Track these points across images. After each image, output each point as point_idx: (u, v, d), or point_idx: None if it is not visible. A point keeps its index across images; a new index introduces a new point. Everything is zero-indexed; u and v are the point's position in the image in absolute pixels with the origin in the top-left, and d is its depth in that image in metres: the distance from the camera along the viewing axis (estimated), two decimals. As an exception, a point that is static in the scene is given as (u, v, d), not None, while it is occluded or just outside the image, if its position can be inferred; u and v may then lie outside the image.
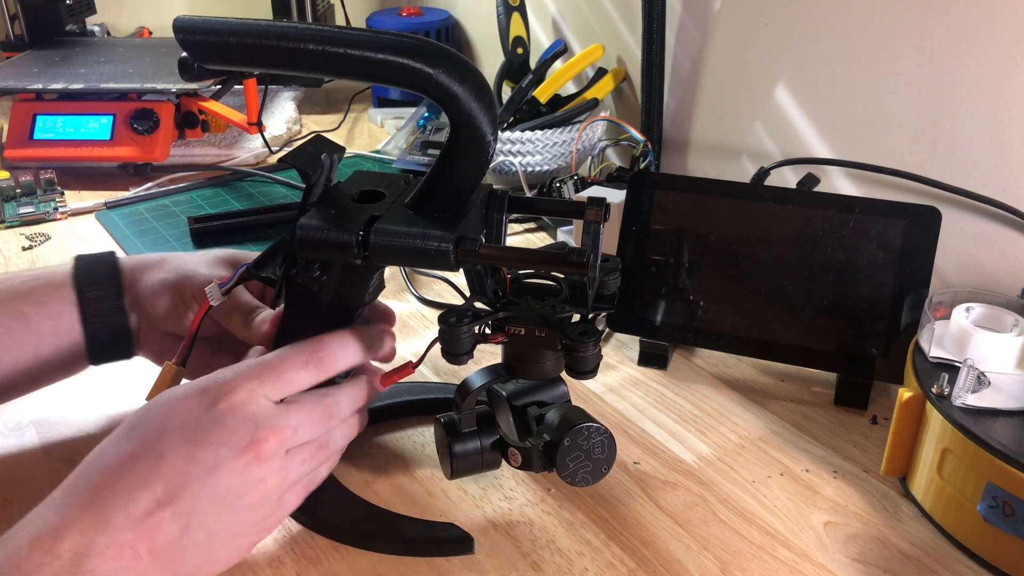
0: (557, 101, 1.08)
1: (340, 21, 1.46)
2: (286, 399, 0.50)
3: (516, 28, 1.11)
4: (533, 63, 1.10)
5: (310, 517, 0.55)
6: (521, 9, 1.12)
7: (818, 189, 0.73)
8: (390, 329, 0.59)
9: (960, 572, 0.52)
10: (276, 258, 0.55)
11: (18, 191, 1.01)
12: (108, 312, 0.60)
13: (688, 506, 0.57)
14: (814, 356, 0.67)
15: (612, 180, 0.93)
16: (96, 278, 0.60)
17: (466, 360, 0.51)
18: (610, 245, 0.72)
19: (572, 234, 0.90)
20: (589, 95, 1.05)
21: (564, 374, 0.53)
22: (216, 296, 0.56)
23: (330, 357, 0.52)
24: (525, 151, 0.99)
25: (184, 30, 0.49)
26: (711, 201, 0.71)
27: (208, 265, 0.62)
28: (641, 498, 0.58)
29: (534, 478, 0.60)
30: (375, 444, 0.63)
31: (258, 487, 0.48)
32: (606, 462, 0.53)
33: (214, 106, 1.12)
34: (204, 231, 0.93)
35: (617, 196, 0.79)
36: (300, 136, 1.24)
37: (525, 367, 0.53)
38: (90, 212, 1.00)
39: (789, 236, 0.68)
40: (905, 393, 0.56)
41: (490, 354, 0.63)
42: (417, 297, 0.83)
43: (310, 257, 0.53)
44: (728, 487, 0.59)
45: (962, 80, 0.73)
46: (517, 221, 0.97)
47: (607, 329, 0.74)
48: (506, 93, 1.09)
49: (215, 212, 0.98)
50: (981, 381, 0.53)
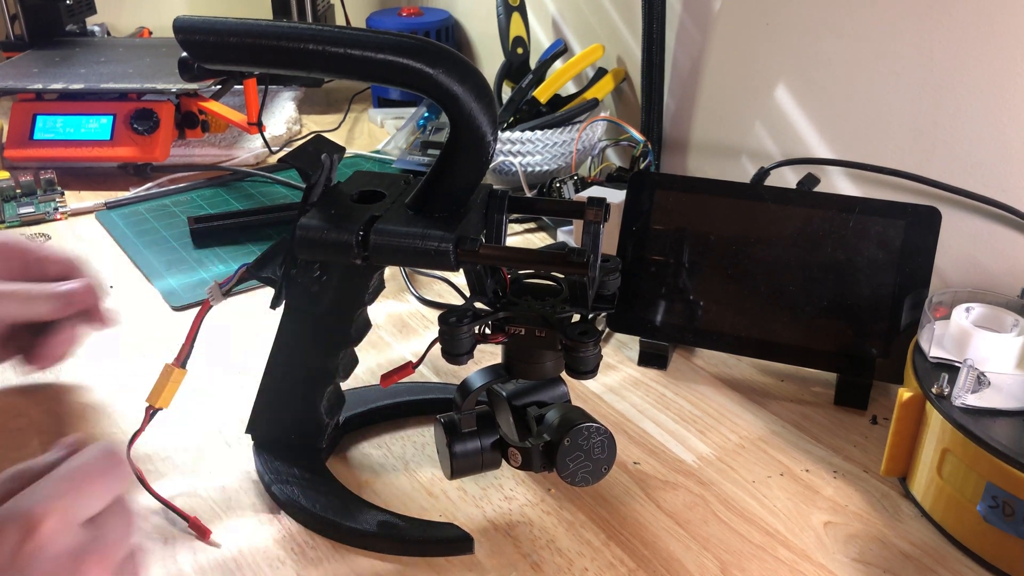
0: (557, 101, 1.08)
1: (340, 21, 1.46)
2: None
3: (516, 28, 1.11)
4: (533, 63, 1.10)
5: (310, 517, 0.55)
6: (521, 9, 1.12)
7: (818, 189, 0.73)
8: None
9: (960, 572, 0.52)
10: (276, 258, 0.55)
11: (18, 191, 1.01)
12: None
13: (688, 506, 0.57)
14: (814, 356, 0.67)
15: (612, 180, 0.93)
16: None
17: (466, 360, 0.51)
18: (610, 245, 0.72)
19: (572, 234, 0.90)
20: (589, 95, 1.05)
21: (564, 374, 0.53)
22: (217, 296, 0.56)
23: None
24: (525, 151, 0.99)
25: (184, 30, 0.49)
26: (711, 201, 0.71)
27: None
28: (641, 498, 0.58)
29: (534, 478, 0.60)
30: (375, 444, 0.63)
31: None
32: (606, 462, 0.53)
33: (214, 106, 1.12)
34: (204, 231, 0.93)
35: (617, 196, 0.79)
36: (300, 136, 1.24)
37: (525, 367, 0.53)
38: (90, 212, 1.00)
39: (789, 236, 0.68)
40: (905, 393, 0.56)
41: (490, 354, 0.63)
42: (417, 297, 0.83)
43: (310, 257, 0.53)
44: (728, 487, 0.59)
45: (962, 80, 0.73)
46: (517, 221, 0.97)
47: (607, 329, 0.74)
48: (506, 93, 1.09)
49: (215, 212, 0.98)
50: (981, 381, 0.53)
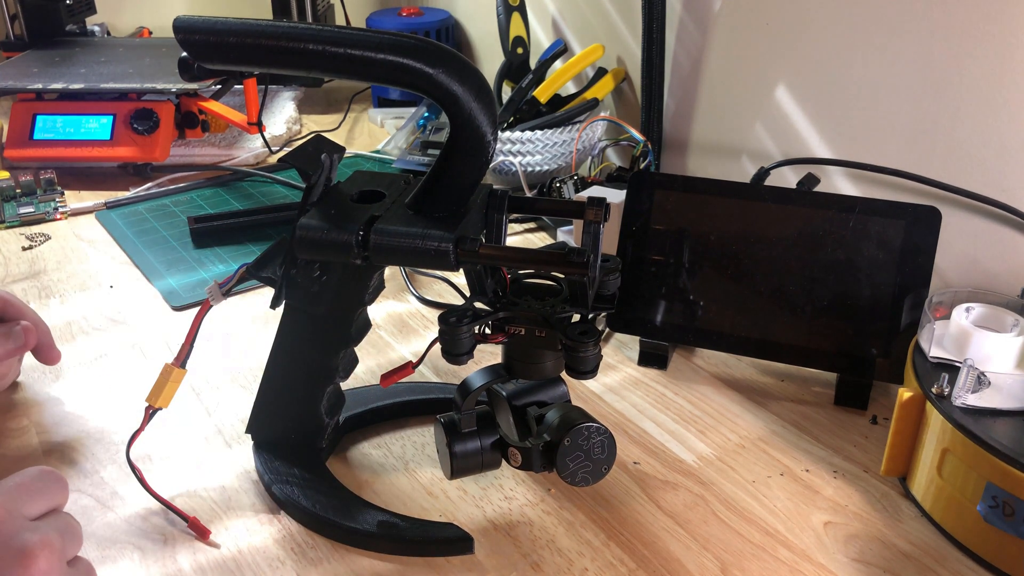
0: (557, 101, 1.08)
1: (340, 21, 1.46)
2: None
3: (516, 28, 1.11)
4: (533, 63, 1.10)
5: (310, 517, 0.55)
6: (521, 9, 1.12)
7: (818, 189, 0.73)
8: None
9: (960, 572, 0.52)
10: (276, 258, 0.55)
11: (18, 191, 1.01)
12: None
13: (688, 506, 0.57)
14: (814, 356, 0.67)
15: (612, 180, 0.93)
16: None
17: (466, 360, 0.51)
18: (610, 245, 0.72)
19: (572, 234, 0.90)
20: (589, 95, 1.05)
21: (564, 374, 0.53)
22: (217, 296, 0.56)
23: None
24: (525, 151, 0.99)
25: (184, 30, 0.49)
26: (711, 201, 0.71)
27: None
28: (641, 498, 0.58)
29: (534, 478, 0.60)
30: (375, 444, 0.63)
31: None
32: (606, 462, 0.53)
33: (214, 106, 1.12)
34: (204, 231, 0.93)
35: (617, 196, 0.79)
36: (300, 136, 1.24)
37: (525, 367, 0.53)
38: (90, 212, 1.00)
39: (789, 236, 0.68)
40: (905, 393, 0.56)
41: (490, 354, 0.63)
42: (417, 297, 0.83)
43: (310, 257, 0.53)
44: (728, 487, 0.59)
45: (962, 80, 0.73)
46: (517, 221, 0.97)
47: (607, 329, 0.74)
48: (506, 93, 1.09)
49: (215, 212, 0.98)
50: (981, 381, 0.53)
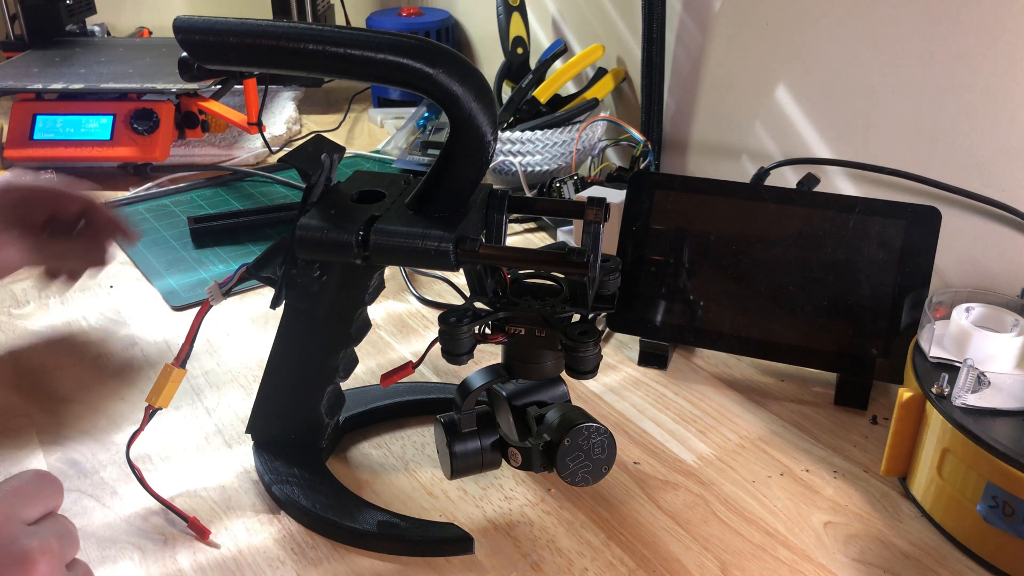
0: (557, 101, 1.08)
1: (340, 21, 1.46)
2: None
3: (516, 28, 1.11)
4: (533, 63, 1.10)
5: (310, 517, 0.55)
6: (521, 9, 1.12)
7: (818, 189, 0.73)
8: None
9: (960, 572, 0.52)
10: (276, 258, 0.55)
11: (18, 191, 1.01)
12: None
13: (688, 506, 0.57)
14: (814, 356, 0.67)
15: (612, 180, 0.93)
16: None
17: (466, 360, 0.51)
18: (610, 245, 0.72)
19: (572, 234, 0.90)
20: (589, 95, 1.05)
21: (564, 374, 0.53)
22: (216, 296, 0.56)
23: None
24: (525, 151, 0.99)
25: (184, 30, 0.49)
26: (711, 201, 0.71)
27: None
28: (641, 498, 0.58)
29: (534, 478, 0.60)
30: (375, 444, 0.63)
31: None
32: (606, 462, 0.53)
33: (214, 106, 1.12)
34: (204, 231, 0.93)
35: (617, 196, 0.79)
36: (300, 136, 1.24)
37: (525, 367, 0.53)
38: (90, 212, 1.00)
39: (789, 236, 0.68)
40: (905, 393, 0.56)
41: (490, 354, 0.63)
42: (417, 297, 0.83)
43: (310, 257, 0.53)
44: (728, 487, 0.59)
45: (962, 80, 0.73)
46: (517, 221, 0.97)
47: (607, 329, 0.74)
48: (506, 93, 1.09)
49: (215, 212, 0.98)
50: (981, 381, 0.53)
